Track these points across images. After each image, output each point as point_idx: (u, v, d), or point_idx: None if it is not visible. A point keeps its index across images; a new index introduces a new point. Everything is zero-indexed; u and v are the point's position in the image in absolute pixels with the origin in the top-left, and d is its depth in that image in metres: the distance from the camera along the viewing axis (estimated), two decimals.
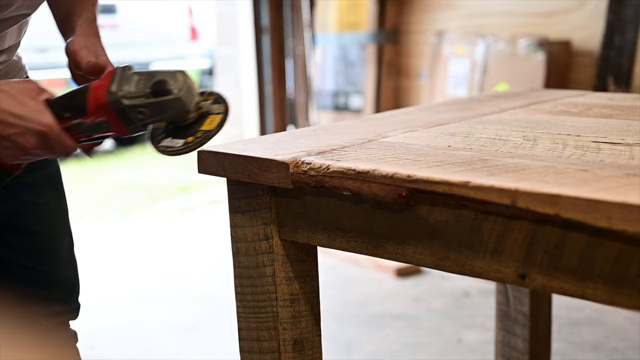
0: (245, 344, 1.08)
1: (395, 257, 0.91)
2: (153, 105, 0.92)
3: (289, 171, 0.94)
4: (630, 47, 2.93)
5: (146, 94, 0.92)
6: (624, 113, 1.29)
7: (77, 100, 0.96)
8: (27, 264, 1.24)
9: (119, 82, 0.93)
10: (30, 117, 0.94)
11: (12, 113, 0.94)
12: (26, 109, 0.94)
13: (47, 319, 1.27)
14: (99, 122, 0.96)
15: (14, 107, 0.94)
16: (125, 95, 0.92)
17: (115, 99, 0.92)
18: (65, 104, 0.96)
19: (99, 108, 0.94)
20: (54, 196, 1.28)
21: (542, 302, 1.65)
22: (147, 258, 3.70)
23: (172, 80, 0.92)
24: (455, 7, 3.68)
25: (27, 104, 0.95)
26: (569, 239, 0.76)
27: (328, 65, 4.22)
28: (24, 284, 1.25)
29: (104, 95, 0.93)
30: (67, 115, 0.96)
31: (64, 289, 1.30)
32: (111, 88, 0.93)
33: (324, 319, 1.12)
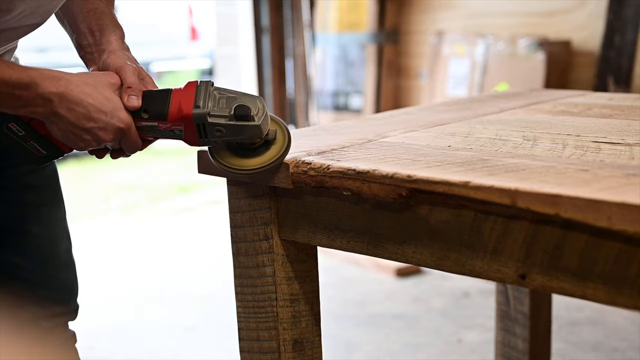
0: (245, 344, 1.08)
1: (395, 257, 0.91)
2: (233, 128, 0.94)
3: (289, 171, 0.95)
4: (630, 47, 2.93)
5: (229, 116, 0.94)
6: (624, 113, 1.29)
7: (159, 104, 0.97)
8: (26, 266, 1.24)
9: (204, 98, 0.95)
10: (113, 113, 0.97)
11: (98, 108, 0.96)
12: (111, 105, 0.97)
13: (47, 319, 1.27)
14: (174, 129, 0.97)
15: (100, 101, 0.97)
16: (210, 112, 0.94)
17: (201, 115, 0.94)
18: (146, 105, 0.98)
19: (181, 118, 0.96)
20: (53, 197, 1.28)
21: (542, 302, 1.65)
22: (147, 258, 3.70)
23: (253, 106, 0.94)
24: (455, 7, 3.68)
25: (112, 99, 0.97)
26: (569, 239, 0.76)
27: (328, 65, 4.22)
28: (24, 285, 1.25)
29: (190, 107, 0.95)
30: (145, 116, 0.98)
31: (63, 290, 1.30)
32: (198, 102, 0.95)
33: (324, 319, 1.12)
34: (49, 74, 0.95)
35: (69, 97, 0.95)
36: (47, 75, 0.95)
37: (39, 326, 1.26)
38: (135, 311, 2.98)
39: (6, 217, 1.22)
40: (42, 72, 0.95)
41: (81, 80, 0.97)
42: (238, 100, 0.95)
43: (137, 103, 0.98)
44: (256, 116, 0.94)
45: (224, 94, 0.96)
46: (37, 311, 1.26)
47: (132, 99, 0.98)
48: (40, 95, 0.94)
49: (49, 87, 0.94)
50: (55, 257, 1.28)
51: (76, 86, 0.96)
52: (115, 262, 3.65)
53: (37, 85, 0.94)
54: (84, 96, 0.96)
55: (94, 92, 0.97)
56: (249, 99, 0.95)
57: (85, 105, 0.96)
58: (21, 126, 0.99)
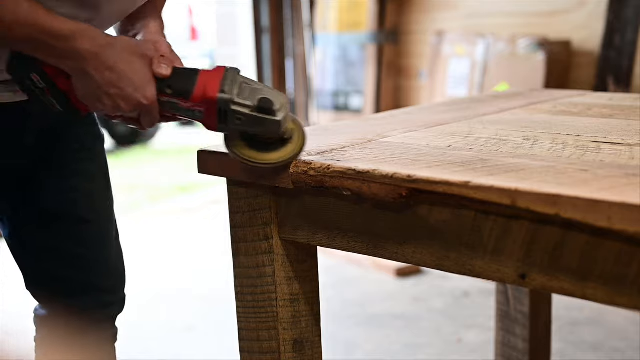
0: (245, 344, 1.08)
1: (395, 257, 0.91)
2: (254, 119, 0.94)
3: (289, 171, 0.95)
4: (630, 47, 2.93)
5: (253, 107, 0.94)
6: (624, 113, 1.29)
7: (185, 83, 0.97)
8: (78, 252, 1.25)
9: (230, 84, 0.95)
10: (137, 86, 0.96)
11: (127, 77, 0.96)
12: (141, 78, 0.97)
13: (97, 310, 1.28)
14: (195, 109, 0.97)
15: (131, 72, 0.96)
16: (235, 99, 0.94)
17: (226, 100, 0.94)
18: (171, 82, 0.98)
19: (205, 100, 0.95)
20: (104, 185, 1.31)
21: (542, 302, 1.65)
22: (146, 258, 3.70)
23: (277, 101, 0.94)
24: (455, 7, 3.68)
25: (143, 72, 0.97)
26: (569, 239, 0.76)
27: (328, 65, 4.22)
28: (75, 271, 1.26)
29: (215, 91, 0.95)
30: (169, 92, 0.98)
31: (112, 278, 1.31)
32: (224, 87, 0.95)
33: (324, 319, 1.12)
34: (90, 32, 0.95)
35: (102, 59, 0.95)
36: (87, 33, 0.95)
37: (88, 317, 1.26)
38: (135, 311, 2.97)
39: (60, 204, 1.23)
40: (83, 28, 0.95)
41: (120, 45, 0.97)
42: (263, 93, 0.95)
43: (166, 72, 0.98)
44: (278, 112, 0.94)
45: (250, 84, 0.96)
46: (89, 300, 1.27)
47: (162, 66, 0.98)
48: (76, 50, 0.94)
49: (86, 44, 0.94)
50: (106, 244, 1.29)
51: (113, 50, 0.96)
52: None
53: (75, 40, 0.94)
54: (117, 62, 0.96)
55: (128, 60, 0.96)
56: (274, 93, 0.95)
57: (117, 71, 0.96)
58: (44, 79, 0.99)
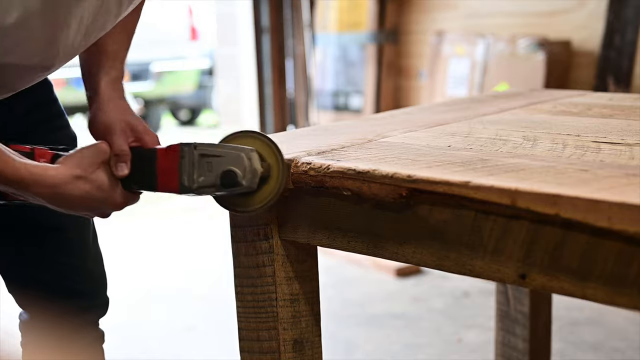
0: (245, 344, 1.08)
1: (395, 257, 0.91)
2: (222, 195, 0.97)
3: (289, 171, 0.94)
4: (630, 47, 2.93)
5: (217, 185, 0.95)
6: (624, 113, 1.29)
7: (146, 179, 1.01)
8: (57, 258, 1.26)
9: (188, 171, 0.96)
10: (106, 202, 1.00)
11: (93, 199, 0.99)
12: (105, 194, 1.00)
13: (77, 315, 1.28)
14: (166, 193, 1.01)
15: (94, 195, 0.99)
16: (197, 187, 0.96)
17: (188, 190, 0.97)
18: (134, 177, 1.02)
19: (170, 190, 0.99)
20: None
21: (542, 302, 1.65)
22: (147, 258, 3.70)
23: (239, 167, 0.94)
24: (455, 7, 3.68)
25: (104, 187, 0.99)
26: (569, 239, 0.76)
27: (328, 65, 4.22)
28: (54, 277, 1.27)
29: (175, 185, 0.98)
30: (135, 187, 1.03)
31: (93, 282, 1.32)
32: (183, 180, 0.96)
33: (324, 319, 1.12)
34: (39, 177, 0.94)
35: (62, 198, 0.97)
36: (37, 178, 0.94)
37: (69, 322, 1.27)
38: (135, 311, 2.98)
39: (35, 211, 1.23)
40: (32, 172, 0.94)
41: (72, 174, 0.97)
42: (224, 163, 0.94)
43: (126, 171, 1.01)
44: (244, 179, 0.93)
45: (208, 155, 0.95)
46: (68, 305, 1.27)
47: (121, 167, 1.01)
48: (33, 194, 0.96)
49: (39, 188, 0.95)
50: (82, 248, 1.30)
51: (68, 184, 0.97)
52: (115, 262, 3.65)
53: (29, 186, 0.94)
54: (77, 192, 0.97)
55: (87, 186, 0.98)
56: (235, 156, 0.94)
57: (80, 201, 0.98)
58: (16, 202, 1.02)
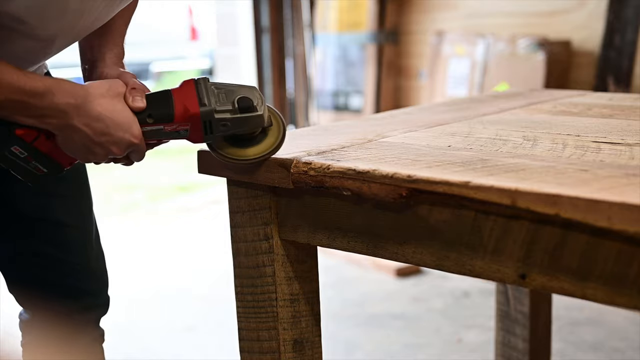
0: (245, 344, 1.08)
1: (395, 257, 0.91)
2: (238, 120, 0.95)
3: (289, 171, 0.94)
4: (630, 47, 2.93)
5: (234, 109, 0.94)
6: (624, 113, 1.29)
7: (163, 108, 0.96)
8: (59, 256, 1.26)
9: (207, 95, 0.95)
10: (124, 127, 0.96)
11: (115, 122, 0.95)
12: (126, 118, 0.96)
13: (79, 313, 1.28)
14: (179, 129, 0.97)
15: (117, 116, 0.95)
16: (216, 109, 0.94)
17: (208, 112, 0.94)
18: (150, 111, 0.97)
19: (188, 118, 0.95)
20: (82, 189, 1.31)
21: (542, 302, 1.65)
22: (147, 258, 3.70)
23: (252, 97, 0.95)
24: (455, 7, 3.68)
25: (126, 112, 0.96)
26: (569, 239, 0.76)
27: (328, 65, 4.22)
28: (56, 276, 1.26)
29: (195, 106, 0.94)
30: (150, 121, 0.97)
31: (94, 281, 1.32)
32: (203, 100, 0.94)
33: (324, 319, 1.12)
34: (66, 85, 0.93)
35: (86, 109, 0.93)
36: (63, 86, 0.92)
37: (70, 321, 1.27)
38: (135, 311, 2.98)
39: (39, 208, 1.24)
40: (58, 81, 0.93)
41: (98, 91, 0.95)
42: (237, 93, 0.95)
43: (143, 104, 0.97)
44: (258, 106, 0.94)
45: (221, 88, 0.96)
46: (70, 303, 1.27)
47: (137, 99, 0.97)
48: (56, 105, 0.92)
49: (65, 97, 0.92)
50: (85, 248, 1.30)
51: (94, 98, 0.94)
52: (114, 262, 3.65)
53: (53, 95, 0.91)
54: (102, 110, 0.94)
55: (110, 105, 0.95)
56: (246, 90, 0.96)
57: (103, 119, 0.94)
58: (24, 148, 0.97)
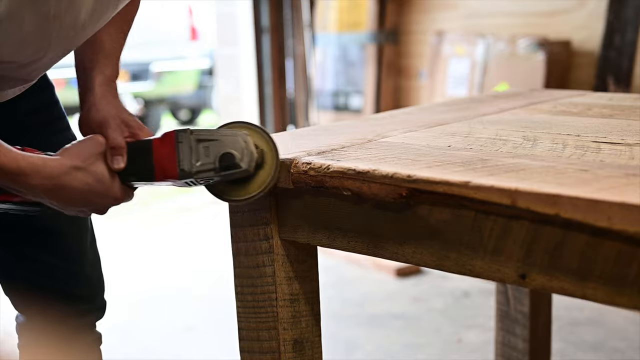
0: (245, 344, 1.08)
1: (395, 257, 0.91)
2: (221, 177, 0.95)
3: (289, 171, 0.94)
4: (630, 47, 2.93)
5: (215, 168, 0.94)
6: (624, 113, 1.29)
7: (143, 168, 0.97)
8: (54, 262, 1.26)
9: (187, 154, 0.94)
10: (103, 194, 0.98)
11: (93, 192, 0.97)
12: (99, 187, 0.97)
13: (74, 318, 1.28)
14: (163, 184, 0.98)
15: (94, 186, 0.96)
16: (196, 171, 0.94)
17: (187, 175, 0.94)
18: (131, 168, 0.99)
19: (168, 179, 0.96)
20: None
21: (542, 302, 1.65)
22: (146, 258, 3.70)
23: (237, 149, 0.94)
24: (455, 7, 3.68)
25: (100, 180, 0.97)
26: (569, 239, 0.76)
27: (328, 65, 4.22)
28: (51, 282, 1.26)
29: (174, 169, 0.94)
30: (132, 179, 0.99)
31: (90, 286, 1.32)
32: (182, 165, 0.93)
33: (324, 319, 1.12)
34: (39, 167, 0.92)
35: (62, 189, 0.94)
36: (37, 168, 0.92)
37: (66, 325, 1.27)
38: (135, 311, 2.98)
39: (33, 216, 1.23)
40: (32, 162, 0.92)
41: (73, 163, 0.95)
42: (220, 146, 0.94)
43: (122, 164, 0.98)
44: (242, 161, 0.93)
45: (204, 139, 0.94)
46: (65, 309, 1.27)
47: (117, 160, 0.98)
48: (31, 187, 0.93)
49: (37, 179, 0.92)
50: (80, 253, 1.30)
51: (67, 175, 0.95)
52: (114, 262, 3.65)
53: (27, 176, 0.92)
54: (78, 184, 0.95)
55: (87, 177, 0.96)
56: (231, 139, 0.94)
57: (81, 192, 0.96)
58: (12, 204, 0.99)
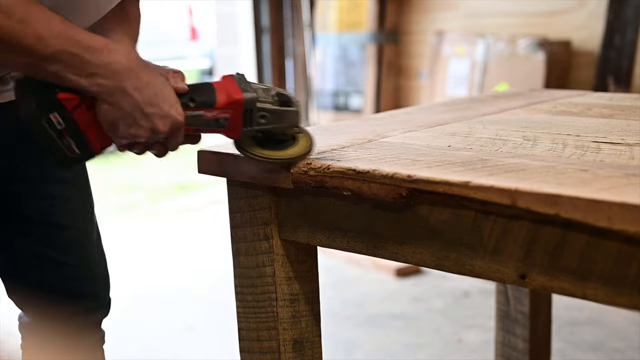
0: (245, 344, 1.08)
1: (395, 257, 0.91)
2: (277, 113, 0.95)
3: (289, 171, 0.95)
4: (630, 47, 2.93)
5: (274, 101, 0.95)
6: (624, 113, 1.29)
7: (205, 93, 0.96)
8: (59, 259, 1.25)
9: (247, 86, 0.95)
10: (171, 101, 0.93)
11: (163, 94, 0.92)
12: (168, 91, 0.93)
13: (82, 316, 1.28)
14: (219, 117, 0.95)
15: (164, 89, 0.93)
16: (257, 97, 0.94)
17: (252, 99, 0.94)
18: (192, 95, 0.96)
19: (231, 104, 0.94)
20: (82, 190, 1.30)
21: (542, 302, 1.65)
22: (146, 258, 3.70)
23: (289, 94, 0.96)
24: (455, 7, 3.68)
25: (168, 87, 0.94)
26: (569, 239, 0.76)
27: (328, 65, 4.22)
28: (57, 278, 1.26)
29: (239, 92, 0.94)
30: (192, 105, 0.95)
31: (95, 283, 1.32)
32: (244, 87, 0.95)
33: (324, 319, 1.12)
34: (121, 46, 0.91)
35: (138, 74, 0.91)
36: (118, 46, 0.91)
37: (73, 323, 1.26)
38: (135, 310, 2.98)
39: (38, 210, 1.23)
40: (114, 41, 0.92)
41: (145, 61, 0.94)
42: (274, 90, 0.96)
43: (185, 86, 0.95)
44: (294, 104, 0.96)
45: (258, 84, 0.97)
46: (73, 307, 1.26)
47: (180, 81, 0.95)
48: (111, 63, 0.89)
49: (120, 57, 0.89)
50: (86, 250, 1.29)
51: (145, 65, 0.92)
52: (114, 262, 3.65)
53: (110, 52, 0.89)
54: (151, 78, 0.92)
55: (157, 78, 0.93)
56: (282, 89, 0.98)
57: (153, 88, 0.91)
58: (63, 117, 0.93)
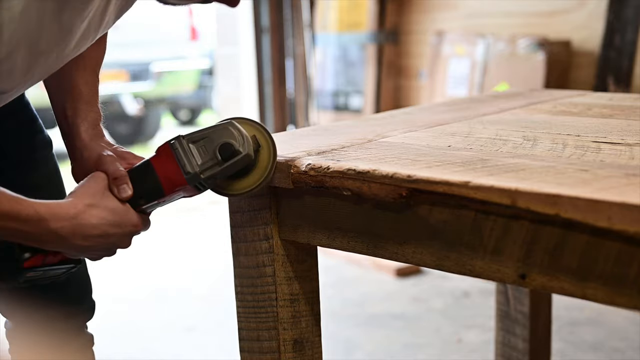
0: (245, 344, 1.08)
1: (395, 257, 0.91)
2: (226, 169, 0.95)
3: (289, 171, 0.95)
4: (630, 47, 2.93)
5: (218, 161, 0.94)
6: (624, 113, 1.29)
7: (151, 187, 0.98)
8: None
9: (188, 159, 0.95)
10: (122, 223, 0.97)
11: (111, 224, 0.96)
12: (116, 216, 0.97)
13: (62, 321, 1.27)
14: (173, 197, 0.99)
15: (111, 218, 0.96)
16: (201, 170, 0.95)
17: (194, 177, 0.95)
18: (138, 191, 0.98)
19: (177, 189, 0.96)
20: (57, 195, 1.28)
21: (542, 302, 1.65)
22: (146, 258, 3.70)
23: (232, 138, 0.94)
24: (455, 7, 3.68)
25: (117, 209, 0.97)
26: (569, 239, 0.76)
27: (328, 65, 4.22)
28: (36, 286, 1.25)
29: (181, 176, 0.95)
30: (142, 202, 0.99)
31: (76, 288, 1.31)
32: (186, 169, 0.95)
33: (324, 319, 1.12)
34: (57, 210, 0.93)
35: (82, 228, 0.94)
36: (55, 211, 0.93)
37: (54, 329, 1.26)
38: (135, 311, 2.98)
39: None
40: (48, 206, 0.93)
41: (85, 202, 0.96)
42: (216, 140, 0.94)
43: (129, 192, 0.98)
44: (241, 146, 0.94)
45: (198, 140, 0.95)
46: (52, 312, 1.26)
47: (123, 189, 0.98)
48: (51, 231, 0.93)
49: (59, 222, 0.93)
50: None
51: (84, 214, 0.95)
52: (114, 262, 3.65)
53: (47, 221, 0.92)
54: (96, 221, 0.95)
55: (101, 211, 0.96)
56: (223, 132, 0.94)
57: (99, 228, 0.95)
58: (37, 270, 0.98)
